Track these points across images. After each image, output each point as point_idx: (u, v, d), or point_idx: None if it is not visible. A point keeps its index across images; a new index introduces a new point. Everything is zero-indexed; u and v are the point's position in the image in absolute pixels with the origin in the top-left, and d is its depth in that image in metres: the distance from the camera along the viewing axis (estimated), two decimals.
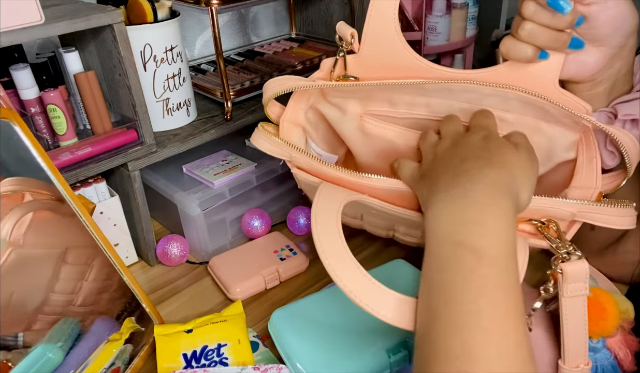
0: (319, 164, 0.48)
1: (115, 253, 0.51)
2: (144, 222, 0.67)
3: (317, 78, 0.51)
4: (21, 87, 0.57)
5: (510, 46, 0.43)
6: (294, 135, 0.55)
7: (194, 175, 0.72)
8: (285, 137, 0.53)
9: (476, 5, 1.00)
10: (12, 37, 0.49)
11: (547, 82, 0.45)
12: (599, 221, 0.43)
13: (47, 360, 0.47)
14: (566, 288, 0.41)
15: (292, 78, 0.50)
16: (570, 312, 0.42)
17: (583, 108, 0.45)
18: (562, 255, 0.41)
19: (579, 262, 0.41)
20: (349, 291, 0.39)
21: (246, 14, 0.98)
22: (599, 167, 0.47)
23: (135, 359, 0.53)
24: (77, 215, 0.48)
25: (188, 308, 0.63)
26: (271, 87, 0.51)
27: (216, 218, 0.70)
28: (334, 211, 0.42)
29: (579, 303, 0.41)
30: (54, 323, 0.49)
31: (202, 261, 0.71)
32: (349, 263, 0.40)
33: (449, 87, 0.48)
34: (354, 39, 0.48)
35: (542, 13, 0.41)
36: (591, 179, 0.47)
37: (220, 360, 0.51)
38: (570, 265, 0.40)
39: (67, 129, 0.59)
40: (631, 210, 0.43)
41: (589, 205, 0.43)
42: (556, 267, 0.41)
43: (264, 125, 0.53)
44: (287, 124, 0.54)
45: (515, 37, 0.43)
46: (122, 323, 0.54)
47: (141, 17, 0.63)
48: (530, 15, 0.42)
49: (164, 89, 0.67)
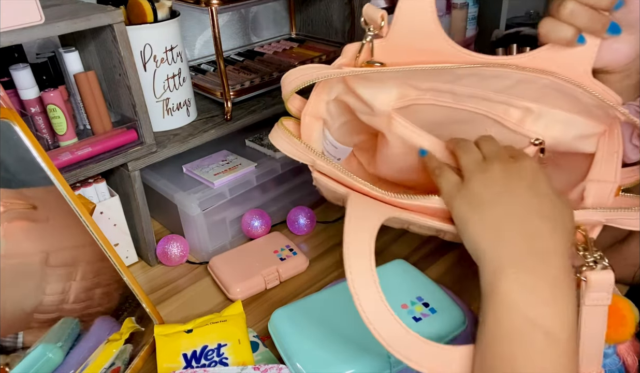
0: (346, 176, 0.46)
1: (115, 253, 0.51)
2: (144, 222, 0.67)
3: (341, 65, 0.48)
4: (21, 87, 0.57)
5: (551, 27, 0.43)
6: (315, 131, 0.51)
7: (194, 175, 0.72)
8: (307, 133, 0.50)
9: (476, 5, 1.00)
10: (12, 37, 0.49)
11: (580, 69, 0.44)
12: (626, 225, 0.43)
13: (47, 360, 0.47)
14: (589, 296, 0.40)
15: (313, 66, 0.47)
16: (590, 320, 0.41)
17: (614, 99, 0.44)
18: (589, 263, 0.40)
19: (604, 272, 0.40)
20: (378, 334, 0.38)
21: (246, 14, 0.98)
22: (619, 161, 0.46)
23: (135, 359, 0.53)
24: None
25: (188, 308, 0.63)
26: (292, 79, 0.47)
27: (216, 218, 0.70)
28: (367, 237, 0.40)
29: (599, 312, 0.41)
30: (54, 322, 0.49)
31: (202, 261, 0.71)
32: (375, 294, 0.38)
33: (480, 72, 0.46)
34: (385, 21, 0.45)
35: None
36: (610, 172, 0.46)
37: (220, 360, 0.51)
38: (596, 274, 0.40)
39: (67, 129, 0.59)
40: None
41: (615, 212, 0.43)
42: (581, 275, 0.40)
43: (284, 120, 0.50)
44: (309, 118, 0.50)
45: (556, 17, 0.42)
46: (122, 323, 0.54)
47: (141, 17, 0.63)
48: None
49: (164, 89, 0.67)
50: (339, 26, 0.92)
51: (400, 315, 0.52)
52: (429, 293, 0.55)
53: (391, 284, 0.57)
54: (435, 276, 0.61)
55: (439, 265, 0.66)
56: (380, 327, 0.38)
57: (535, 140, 0.50)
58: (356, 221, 0.41)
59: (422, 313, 0.52)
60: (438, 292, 0.56)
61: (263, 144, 0.78)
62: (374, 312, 0.38)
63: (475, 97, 0.49)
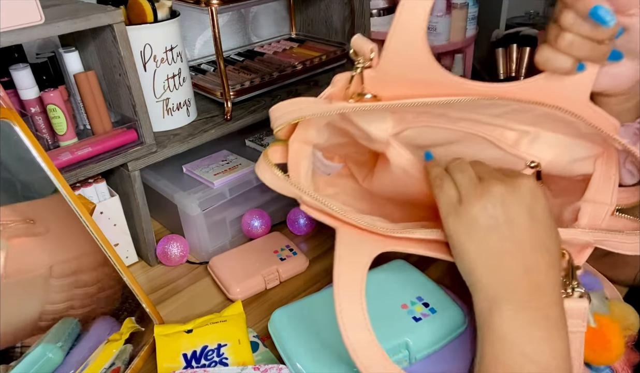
0: (336, 212, 0.44)
1: (115, 253, 0.51)
2: (144, 222, 0.67)
3: (330, 95, 0.46)
4: (21, 87, 0.57)
5: (550, 57, 0.41)
6: (304, 157, 0.49)
7: (194, 175, 0.72)
8: (295, 160, 0.48)
9: (476, 5, 1.00)
10: (12, 37, 0.49)
11: (579, 95, 0.43)
12: (614, 248, 0.43)
13: (47, 360, 0.47)
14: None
15: (303, 100, 0.45)
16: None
17: (612, 124, 0.43)
18: (566, 291, 0.40)
19: (580, 300, 0.40)
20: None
21: (246, 14, 0.98)
22: (616, 184, 0.46)
23: (135, 359, 0.53)
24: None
25: (188, 308, 0.63)
26: (281, 113, 0.45)
27: (216, 218, 0.70)
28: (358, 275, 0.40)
29: (576, 338, 0.41)
30: (54, 322, 0.49)
31: (202, 261, 0.71)
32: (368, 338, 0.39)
33: (476, 102, 0.45)
34: (374, 53, 0.44)
35: (583, 24, 0.39)
36: (607, 195, 0.46)
37: (220, 360, 0.51)
38: (570, 302, 0.40)
39: (67, 129, 0.59)
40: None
41: (606, 234, 0.43)
42: None
43: (269, 151, 0.48)
44: (297, 143, 0.49)
45: (554, 47, 0.41)
46: (122, 323, 0.54)
47: (141, 17, 0.63)
48: (570, 26, 0.39)
49: (164, 89, 0.67)
50: (339, 26, 0.92)
51: (400, 315, 0.52)
52: (429, 293, 0.55)
53: (391, 284, 0.57)
54: (435, 276, 0.61)
55: (439, 265, 0.65)
56: (373, 368, 0.38)
57: (531, 163, 0.49)
58: (346, 261, 0.41)
59: (422, 313, 0.52)
60: (438, 292, 0.56)
61: (263, 144, 0.78)
62: (367, 357, 0.38)
63: (470, 120, 0.48)
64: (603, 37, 0.39)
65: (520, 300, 0.38)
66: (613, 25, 0.37)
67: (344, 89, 0.46)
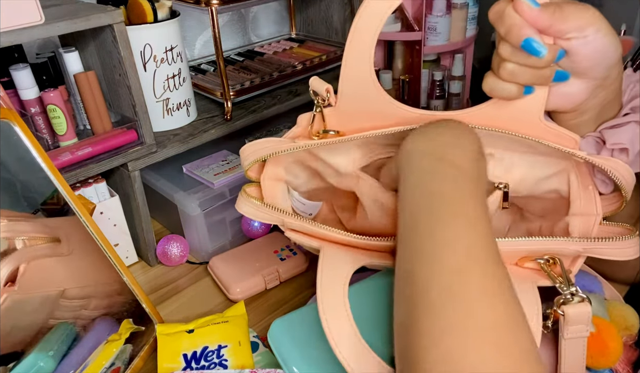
0: (313, 225, 0.47)
1: (115, 254, 0.51)
2: (144, 222, 0.67)
3: (296, 135, 0.50)
4: (21, 87, 0.57)
5: (493, 85, 0.42)
6: (278, 192, 0.53)
7: (194, 175, 0.72)
8: (269, 196, 0.52)
9: (476, 5, 1.00)
10: (12, 37, 0.49)
11: (532, 115, 0.44)
12: (605, 255, 0.43)
13: (39, 369, 0.47)
14: (567, 330, 0.41)
15: (269, 140, 0.49)
16: (570, 352, 0.41)
17: (571, 139, 0.44)
18: (565, 297, 0.40)
19: (581, 305, 0.40)
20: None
21: (246, 14, 0.98)
22: (596, 193, 0.46)
23: (135, 359, 0.53)
24: (79, 219, 0.48)
25: (188, 309, 0.63)
26: (248, 154, 0.50)
27: (216, 218, 0.70)
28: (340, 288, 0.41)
29: (579, 344, 0.41)
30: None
31: (202, 261, 0.71)
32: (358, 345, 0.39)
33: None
34: (330, 94, 0.47)
35: (520, 55, 0.40)
36: (591, 205, 0.46)
37: (220, 362, 0.51)
38: (573, 308, 0.40)
39: (67, 129, 0.58)
40: (635, 241, 0.43)
41: (594, 242, 0.43)
42: (558, 308, 0.40)
43: (246, 188, 0.52)
44: (268, 181, 0.53)
45: (497, 76, 0.42)
46: (121, 324, 0.54)
47: (141, 17, 0.63)
48: (508, 57, 0.40)
49: (164, 89, 0.67)
50: (339, 26, 0.92)
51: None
52: None
53: (391, 284, 0.57)
54: None
55: None
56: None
57: (499, 184, 0.50)
58: (328, 272, 0.42)
59: None
60: None
61: None
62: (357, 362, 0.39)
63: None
64: (541, 64, 0.40)
65: (427, 125, 0.42)
66: (545, 54, 0.38)
67: (307, 128, 0.49)
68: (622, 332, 0.47)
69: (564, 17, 0.39)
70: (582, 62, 0.41)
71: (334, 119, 0.48)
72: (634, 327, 0.47)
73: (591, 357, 0.43)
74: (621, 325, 0.47)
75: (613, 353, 0.44)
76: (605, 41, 0.40)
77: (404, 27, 1.00)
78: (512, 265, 0.46)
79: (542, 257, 0.44)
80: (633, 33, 1.12)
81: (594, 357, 0.43)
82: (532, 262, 0.45)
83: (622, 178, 0.43)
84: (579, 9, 0.39)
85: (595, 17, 0.39)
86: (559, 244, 0.43)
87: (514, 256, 0.45)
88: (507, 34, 0.40)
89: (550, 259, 0.44)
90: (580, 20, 0.39)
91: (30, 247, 0.46)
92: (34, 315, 0.48)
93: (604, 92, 0.44)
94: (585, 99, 0.44)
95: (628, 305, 0.49)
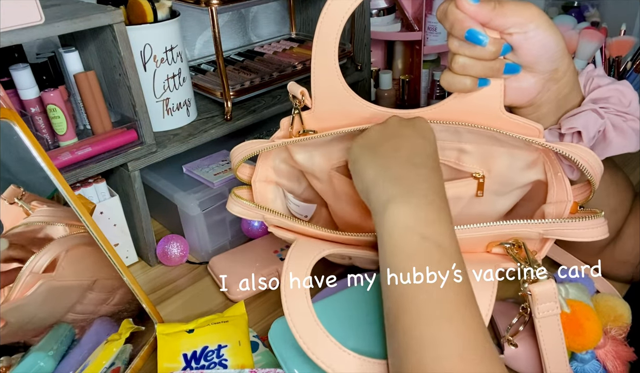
0: (290, 221, 0.50)
1: (115, 253, 0.51)
2: (144, 222, 0.67)
3: (279, 137, 0.53)
4: (21, 87, 0.57)
5: (449, 80, 0.45)
6: (269, 193, 0.57)
7: (194, 175, 0.72)
8: (261, 196, 0.56)
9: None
10: (12, 37, 0.49)
11: (493, 108, 0.46)
12: (570, 236, 0.44)
13: (39, 369, 0.47)
14: (537, 308, 0.42)
15: (255, 142, 0.53)
16: (546, 331, 0.43)
17: (535, 129, 0.46)
18: (530, 277, 0.42)
19: (546, 282, 0.42)
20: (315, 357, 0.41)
21: (246, 14, 0.98)
22: (566, 179, 0.47)
23: (135, 359, 0.53)
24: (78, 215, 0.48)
25: (188, 309, 0.63)
26: (237, 153, 0.53)
27: (216, 218, 0.70)
28: (304, 269, 0.44)
29: (553, 322, 0.43)
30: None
31: (202, 261, 0.71)
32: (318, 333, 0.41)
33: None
34: (305, 96, 0.50)
35: (467, 47, 0.42)
36: (562, 192, 0.47)
37: (220, 362, 0.51)
38: (538, 286, 0.42)
39: (67, 129, 0.59)
40: (600, 220, 0.43)
41: (555, 223, 0.44)
42: (525, 289, 0.42)
43: (236, 191, 0.55)
44: (259, 183, 0.56)
45: (451, 71, 0.44)
46: (121, 324, 0.54)
47: (141, 17, 0.63)
48: (456, 50, 0.43)
49: (164, 89, 0.67)
50: None
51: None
52: None
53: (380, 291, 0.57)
54: None
55: None
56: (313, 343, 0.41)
57: (476, 173, 0.52)
58: (294, 259, 0.45)
59: None
60: None
61: None
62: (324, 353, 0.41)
63: None
64: (488, 56, 0.42)
65: (408, 190, 0.41)
66: (489, 44, 0.41)
67: (288, 129, 0.53)
68: (611, 323, 0.47)
69: (503, 12, 0.41)
70: (526, 56, 0.43)
71: (313, 121, 0.52)
72: (622, 318, 0.47)
73: (567, 338, 0.44)
74: (609, 315, 0.47)
75: (588, 332, 0.44)
76: (546, 36, 0.42)
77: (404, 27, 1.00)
78: (482, 253, 0.48)
79: (507, 242, 0.46)
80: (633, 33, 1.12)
81: (570, 336, 0.44)
82: (499, 247, 0.47)
83: (583, 162, 0.44)
84: (519, 6, 0.42)
85: (535, 14, 0.42)
86: (521, 227, 0.44)
87: (481, 242, 0.47)
88: (452, 29, 0.42)
89: (514, 243, 0.45)
90: (520, 17, 0.42)
91: (70, 235, 0.47)
92: (60, 305, 0.48)
93: (556, 85, 0.45)
94: (538, 92, 0.46)
95: (620, 298, 0.49)
